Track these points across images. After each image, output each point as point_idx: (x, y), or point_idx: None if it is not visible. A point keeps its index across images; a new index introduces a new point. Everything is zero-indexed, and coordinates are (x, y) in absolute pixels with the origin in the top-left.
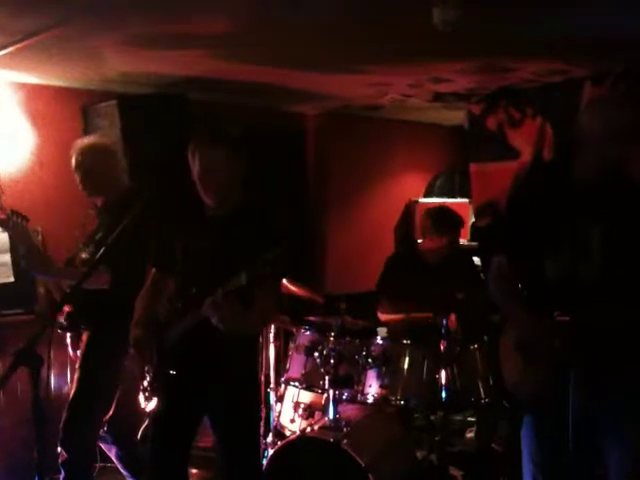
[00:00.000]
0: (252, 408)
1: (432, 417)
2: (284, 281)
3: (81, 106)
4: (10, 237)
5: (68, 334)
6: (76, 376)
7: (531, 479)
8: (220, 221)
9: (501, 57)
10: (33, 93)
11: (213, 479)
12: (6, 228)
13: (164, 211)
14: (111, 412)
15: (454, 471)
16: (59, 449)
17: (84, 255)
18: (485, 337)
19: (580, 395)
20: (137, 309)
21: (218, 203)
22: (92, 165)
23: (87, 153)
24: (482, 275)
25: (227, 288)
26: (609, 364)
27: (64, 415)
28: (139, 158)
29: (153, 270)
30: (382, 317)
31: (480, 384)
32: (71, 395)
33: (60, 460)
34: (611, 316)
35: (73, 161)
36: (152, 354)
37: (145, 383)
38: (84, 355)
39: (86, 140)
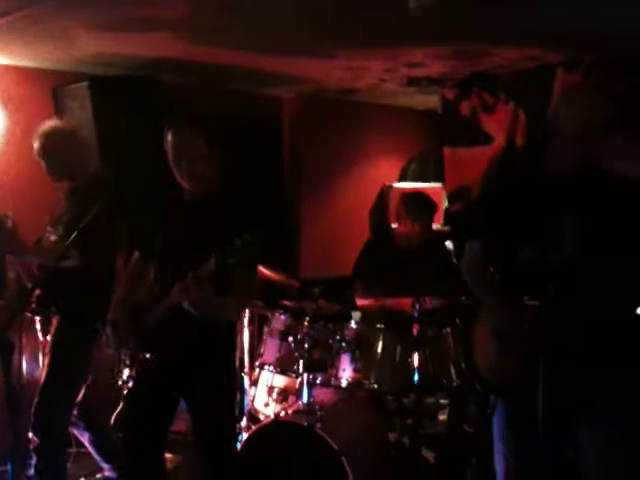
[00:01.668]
0: (227, 392)
1: (404, 400)
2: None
3: (51, 87)
4: None
5: (38, 319)
6: (46, 361)
7: (502, 460)
8: (196, 207)
9: (474, 43)
10: (2, 74)
11: (188, 463)
12: None
13: (140, 195)
14: (81, 397)
15: (426, 453)
16: (30, 435)
17: (52, 237)
18: (457, 321)
19: (549, 380)
20: (117, 292)
21: (194, 188)
22: (55, 150)
23: (49, 138)
24: (455, 259)
25: (197, 274)
26: (576, 351)
27: (35, 400)
28: (111, 140)
29: (135, 254)
30: (359, 302)
31: (452, 367)
32: (42, 380)
33: (32, 446)
34: (579, 303)
35: (35, 146)
36: (128, 337)
37: (122, 366)
38: (54, 340)
39: (47, 124)
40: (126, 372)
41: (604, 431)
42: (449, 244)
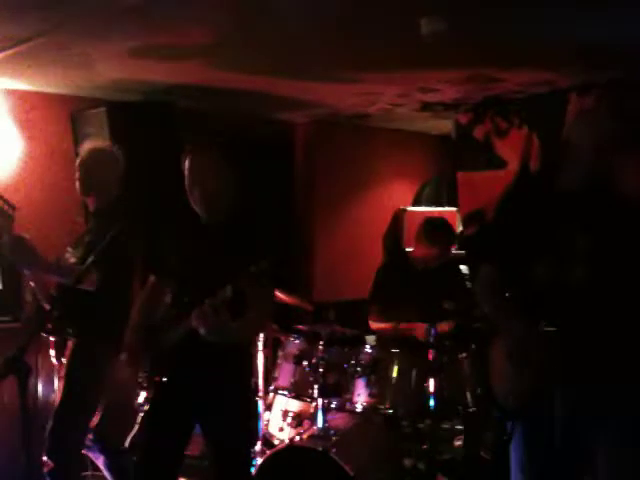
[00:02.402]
0: (244, 417)
1: (420, 425)
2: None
3: (70, 112)
4: None
5: (52, 341)
6: (61, 384)
7: None
8: (212, 232)
9: (486, 67)
10: (22, 99)
11: None
12: None
13: (156, 219)
14: (97, 420)
15: (442, 479)
16: (45, 458)
17: (72, 259)
18: (473, 345)
19: (567, 406)
20: (134, 315)
21: (209, 213)
22: (94, 165)
23: (94, 154)
24: (469, 284)
25: (214, 301)
26: (596, 374)
27: (49, 424)
28: (128, 165)
29: (151, 277)
30: (373, 325)
31: (468, 393)
32: (56, 403)
33: (46, 469)
34: (597, 326)
35: (79, 160)
36: (145, 360)
37: (138, 389)
38: (69, 362)
39: (96, 143)
40: (142, 395)
41: (620, 453)
42: (464, 268)
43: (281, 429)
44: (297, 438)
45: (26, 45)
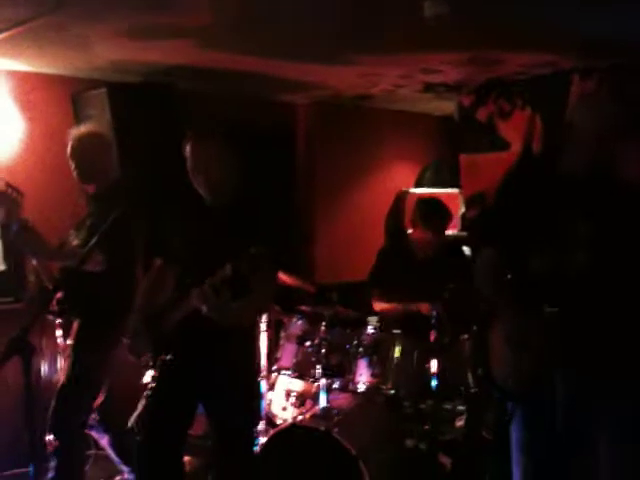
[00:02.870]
0: (247, 396)
1: (422, 406)
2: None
3: (70, 94)
4: (2, 223)
5: (58, 322)
6: (65, 365)
7: (521, 468)
8: (214, 214)
9: (489, 49)
10: (22, 80)
11: (205, 466)
12: (2, 200)
13: (158, 201)
14: (102, 399)
15: (443, 459)
16: (48, 437)
17: (75, 242)
18: (474, 327)
19: (568, 390)
20: (138, 297)
21: (213, 196)
22: (87, 153)
23: (83, 141)
24: (472, 265)
25: (214, 280)
26: (597, 358)
27: (52, 403)
28: (129, 146)
29: (156, 260)
30: (377, 306)
31: (469, 374)
32: (60, 383)
33: (50, 448)
34: (597, 311)
35: (69, 148)
36: (149, 343)
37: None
38: (74, 343)
39: (83, 128)
40: (147, 375)
41: (621, 436)
42: (466, 250)
43: (284, 409)
44: (300, 418)
45: (25, 26)
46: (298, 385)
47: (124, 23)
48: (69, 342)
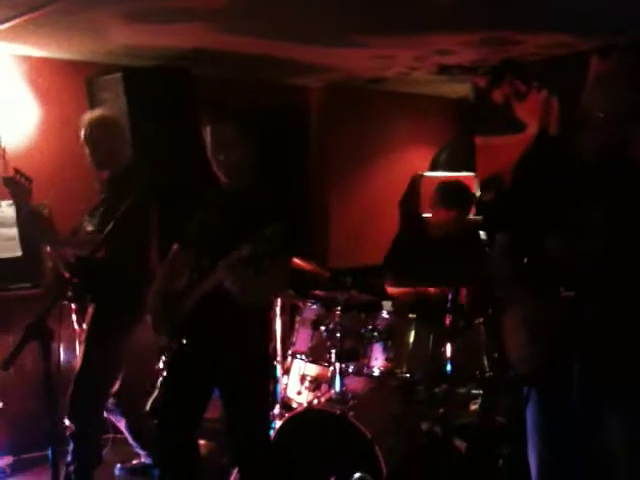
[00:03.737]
0: (262, 380)
1: (436, 390)
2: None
3: (85, 79)
4: (17, 209)
5: (74, 308)
6: (81, 349)
7: (536, 451)
8: (231, 197)
9: (503, 29)
10: (37, 66)
11: (221, 450)
12: (10, 187)
13: (173, 186)
14: (119, 384)
15: (458, 443)
16: (66, 421)
17: (89, 227)
18: (490, 311)
19: (585, 373)
20: (157, 280)
21: (230, 179)
22: (102, 138)
23: (97, 126)
24: (487, 249)
25: (230, 260)
26: (612, 343)
27: (70, 388)
28: (144, 130)
29: (174, 245)
30: (390, 290)
31: (484, 358)
32: (77, 368)
33: (68, 432)
34: (613, 294)
35: (82, 134)
36: (166, 324)
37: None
38: (89, 328)
39: (95, 113)
40: (163, 359)
41: (637, 419)
42: (483, 234)
43: (299, 393)
44: (315, 402)
45: (40, 11)
46: (313, 369)
47: (136, 6)
48: (84, 327)
